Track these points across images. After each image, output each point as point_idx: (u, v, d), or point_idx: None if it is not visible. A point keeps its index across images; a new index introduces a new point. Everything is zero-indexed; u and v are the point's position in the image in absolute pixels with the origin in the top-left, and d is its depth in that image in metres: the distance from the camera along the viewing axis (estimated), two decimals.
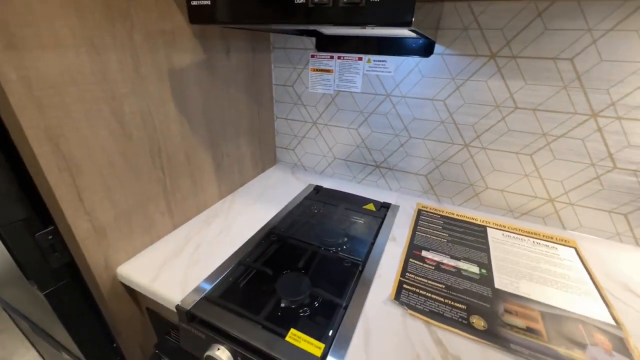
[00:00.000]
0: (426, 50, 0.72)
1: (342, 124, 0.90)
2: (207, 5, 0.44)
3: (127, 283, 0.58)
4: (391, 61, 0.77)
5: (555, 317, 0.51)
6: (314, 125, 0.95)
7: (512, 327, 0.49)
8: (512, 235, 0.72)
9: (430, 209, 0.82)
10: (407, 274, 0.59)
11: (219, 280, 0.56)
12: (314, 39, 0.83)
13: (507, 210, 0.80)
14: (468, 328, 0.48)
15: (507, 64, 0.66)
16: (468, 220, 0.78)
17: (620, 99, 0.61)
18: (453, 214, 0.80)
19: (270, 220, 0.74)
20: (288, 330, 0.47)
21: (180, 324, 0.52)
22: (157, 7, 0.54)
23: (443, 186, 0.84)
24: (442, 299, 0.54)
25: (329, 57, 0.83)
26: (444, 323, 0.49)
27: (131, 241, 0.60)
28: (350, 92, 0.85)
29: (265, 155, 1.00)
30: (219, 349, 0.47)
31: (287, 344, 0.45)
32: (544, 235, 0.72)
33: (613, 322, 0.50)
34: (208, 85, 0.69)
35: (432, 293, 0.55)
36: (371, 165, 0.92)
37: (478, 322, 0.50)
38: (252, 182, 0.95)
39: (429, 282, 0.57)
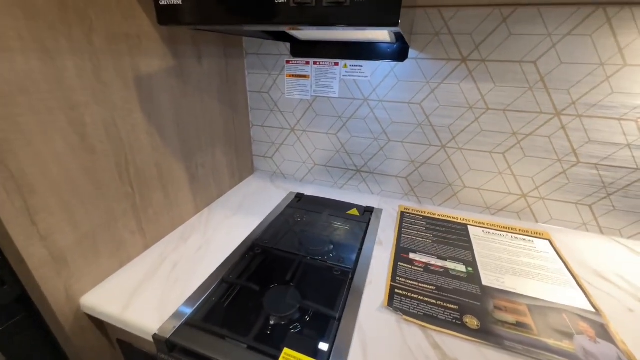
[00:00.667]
0: (400, 54, 0.73)
1: (320, 130, 0.89)
2: (177, 5, 0.41)
3: (93, 314, 0.52)
4: (367, 66, 0.77)
5: (540, 309, 0.52)
6: (292, 131, 0.93)
7: (504, 323, 0.50)
8: (491, 231, 0.75)
9: (413, 210, 0.83)
10: (397, 278, 0.59)
11: (200, 301, 0.52)
12: (288, 45, 0.82)
13: (485, 208, 0.82)
14: (462, 328, 0.48)
15: (477, 67, 0.69)
16: (449, 219, 0.79)
17: (579, 98, 0.65)
18: (434, 214, 0.82)
19: (252, 232, 0.71)
20: (281, 350, 0.44)
21: (158, 355, 0.46)
22: (120, 8, 0.50)
23: (423, 187, 0.86)
24: (434, 301, 0.53)
25: (304, 62, 0.82)
26: (439, 326, 0.48)
27: (97, 266, 0.54)
28: (328, 97, 0.84)
29: (243, 164, 0.96)
30: None
31: None
32: (520, 230, 0.75)
33: (592, 309, 0.53)
34: (179, 93, 0.65)
35: (424, 296, 0.54)
36: (352, 170, 0.91)
37: (471, 321, 0.50)
38: (230, 193, 0.90)
39: (420, 284, 0.57)
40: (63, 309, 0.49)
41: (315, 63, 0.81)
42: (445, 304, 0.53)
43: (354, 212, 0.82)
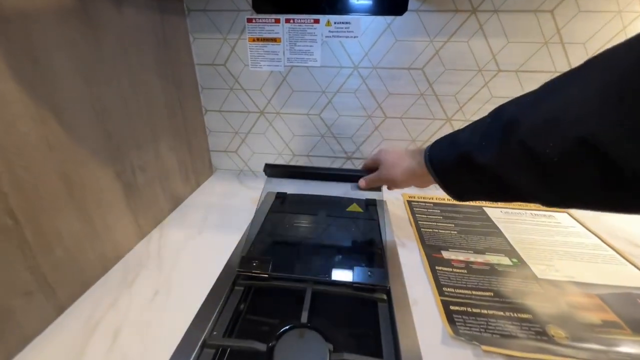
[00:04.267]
0: (398, 5, 0.58)
1: (299, 110, 0.70)
2: None
3: None
4: (356, 22, 0.61)
5: (612, 297, 0.44)
6: (261, 115, 0.72)
7: (591, 326, 0.39)
8: (509, 211, 0.66)
9: (418, 198, 0.71)
10: (444, 289, 0.45)
11: None
12: None
13: None
14: (553, 346, 0.36)
15: (489, 19, 0.58)
16: (461, 203, 0.69)
17: (595, 52, 0.59)
18: (444, 199, 0.70)
19: (232, 256, 0.50)
20: None
21: None
22: None
23: None
24: (501, 313, 0.41)
25: (273, 20, 0.62)
26: (527, 350, 0.36)
27: None
28: (307, 66, 0.66)
29: (198, 163, 0.73)
30: None
31: None
32: (534, 206, 0.68)
33: None
34: (89, 54, 0.40)
35: (486, 308, 0.42)
36: (341, 157, 0.75)
37: (557, 332, 0.38)
38: (186, 204, 0.66)
39: (473, 293, 0.44)
40: None
41: (288, 21, 0.62)
42: (515, 314, 0.41)
43: (355, 207, 0.66)
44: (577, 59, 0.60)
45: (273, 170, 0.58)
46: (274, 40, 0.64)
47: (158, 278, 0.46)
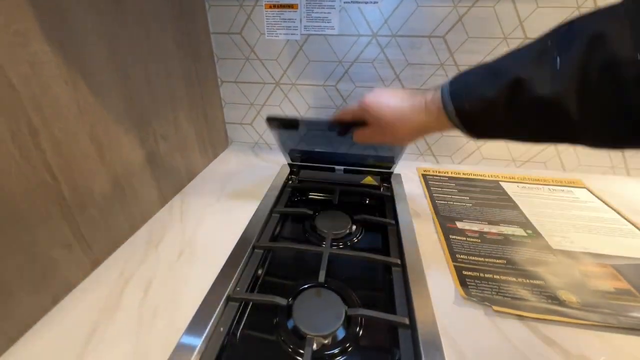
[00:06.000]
0: None
1: (315, 81, 0.70)
2: None
3: None
4: None
5: (627, 268, 0.44)
6: (276, 86, 0.72)
7: (603, 293, 0.40)
8: (526, 185, 0.65)
9: (433, 172, 0.71)
10: (457, 255, 0.46)
11: (203, 338, 0.33)
12: None
13: (510, 160, 0.73)
14: (564, 308, 0.37)
15: None
16: (477, 177, 0.68)
17: None
18: (459, 173, 0.70)
19: (250, 222, 0.52)
20: None
21: None
22: None
23: (441, 144, 0.73)
24: (513, 279, 0.42)
25: None
26: (537, 311, 0.37)
27: (9, 311, 0.32)
28: (324, 35, 0.64)
29: (215, 135, 0.74)
30: None
31: None
32: (552, 180, 0.67)
33: None
34: (111, 17, 0.41)
35: (498, 274, 0.43)
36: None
37: (569, 297, 0.39)
38: (203, 174, 0.68)
39: (486, 260, 0.45)
40: None
41: None
42: (528, 280, 0.42)
43: (369, 180, 0.67)
44: None
45: (274, 123, 0.52)
46: (290, 6, 0.62)
47: (182, 240, 0.48)
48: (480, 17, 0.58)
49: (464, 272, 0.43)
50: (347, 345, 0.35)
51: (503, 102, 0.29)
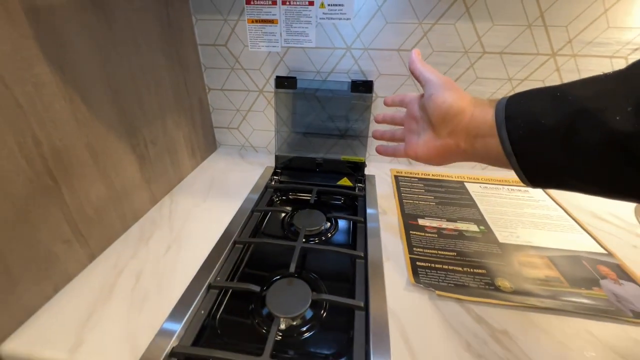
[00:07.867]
0: None
1: (296, 89, 0.75)
2: None
3: None
4: (349, 4, 0.64)
5: (561, 259, 0.50)
6: (260, 94, 0.77)
7: (535, 280, 0.46)
8: (488, 186, 0.72)
9: (405, 173, 0.77)
10: (414, 248, 0.52)
11: (186, 319, 0.39)
12: None
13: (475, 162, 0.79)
14: (499, 293, 0.44)
15: (476, 2, 0.60)
16: (444, 178, 0.75)
17: (576, 35, 0.61)
18: (428, 174, 0.76)
19: (233, 220, 0.57)
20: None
21: None
22: None
23: None
24: (460, 268, 0.48)
25: (270, 2, 0.66)
26: (474, 295, 0.43)
27: (16, 298, 0.37)
28: (303, 47, 0.70)
29: (202, 139, 0.79)
30: None
31: None
32: (513, 181, 0.74)
33: (604, 251, 0.52)
34: (103, 37, 0.46)
35: (447, 264, 0.49)
36: (335, 135, 0.80)
37: (504, 283, 0.45)
38: (192, 176, 0.74)
39: (439, 252, 0.51)
40: None
41: (284, 2, 0.65)
42: (472, 270, 0.48)
43: (345, 181, 0.73)
44: (559, 41, 0.62)
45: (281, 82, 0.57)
46: (271, 21, 0.67)
47: (170, 236, 0.54)
48: (443, 33, 0.64)
49: (418, 263, 0.49)
50: (312, 325, 0.41)
51: (566, 131, 0.25)
